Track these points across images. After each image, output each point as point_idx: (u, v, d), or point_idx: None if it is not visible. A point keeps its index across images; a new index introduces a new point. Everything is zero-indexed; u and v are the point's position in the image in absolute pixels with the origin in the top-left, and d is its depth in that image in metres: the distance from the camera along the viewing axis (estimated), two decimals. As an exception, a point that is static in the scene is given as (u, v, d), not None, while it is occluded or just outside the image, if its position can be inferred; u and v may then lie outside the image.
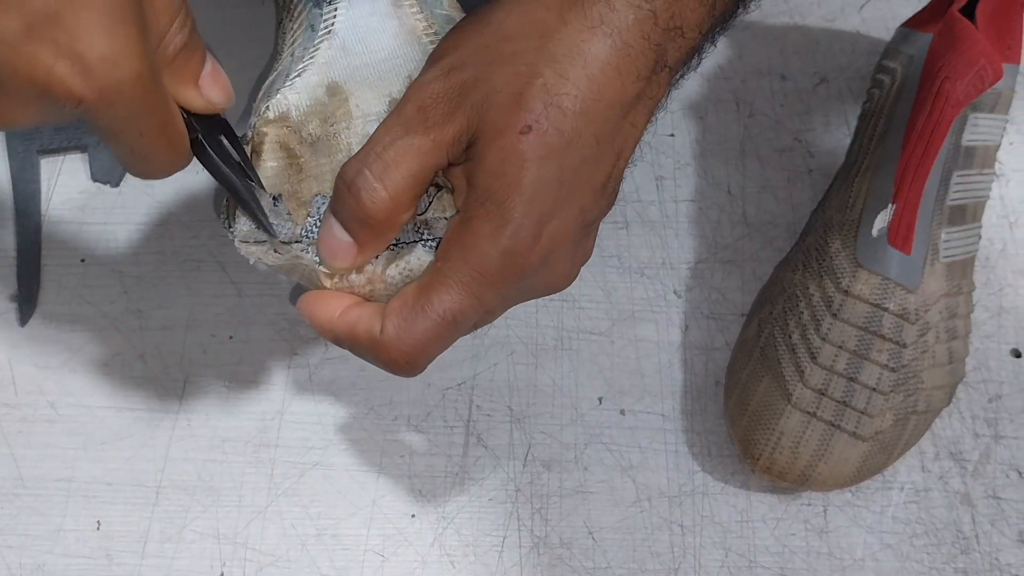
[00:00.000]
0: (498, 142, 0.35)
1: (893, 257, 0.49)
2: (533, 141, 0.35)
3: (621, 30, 0.35)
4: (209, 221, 0.58)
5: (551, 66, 0.35)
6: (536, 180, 0.35)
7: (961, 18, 0.49)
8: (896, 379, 0.49)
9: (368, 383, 0.54)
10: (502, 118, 0.35)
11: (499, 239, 0.35)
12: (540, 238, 0.35)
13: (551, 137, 0.35)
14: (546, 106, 0.35)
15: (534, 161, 0.35)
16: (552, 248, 0.36)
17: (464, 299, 0.36)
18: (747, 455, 0.50)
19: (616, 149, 0.37)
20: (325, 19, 0.42)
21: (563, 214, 0.36)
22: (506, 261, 0.35)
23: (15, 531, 0.50)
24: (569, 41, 0.35)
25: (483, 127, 0.35)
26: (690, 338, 0.55)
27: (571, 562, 0.50)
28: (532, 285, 0.38)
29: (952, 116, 0.49)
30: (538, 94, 0.35)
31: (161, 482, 0.51)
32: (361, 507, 0.51)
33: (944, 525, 0.51)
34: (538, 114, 0.35)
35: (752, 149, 0.61)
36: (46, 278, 0.56)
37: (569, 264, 0.38)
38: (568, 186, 0.36)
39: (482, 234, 0.35)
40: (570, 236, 0.37)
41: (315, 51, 0.41)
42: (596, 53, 0.35)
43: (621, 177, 0.38)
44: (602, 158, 0.36)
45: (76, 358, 0.54)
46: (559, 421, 0.53)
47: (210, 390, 0.53)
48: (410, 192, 0.36)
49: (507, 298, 0.37)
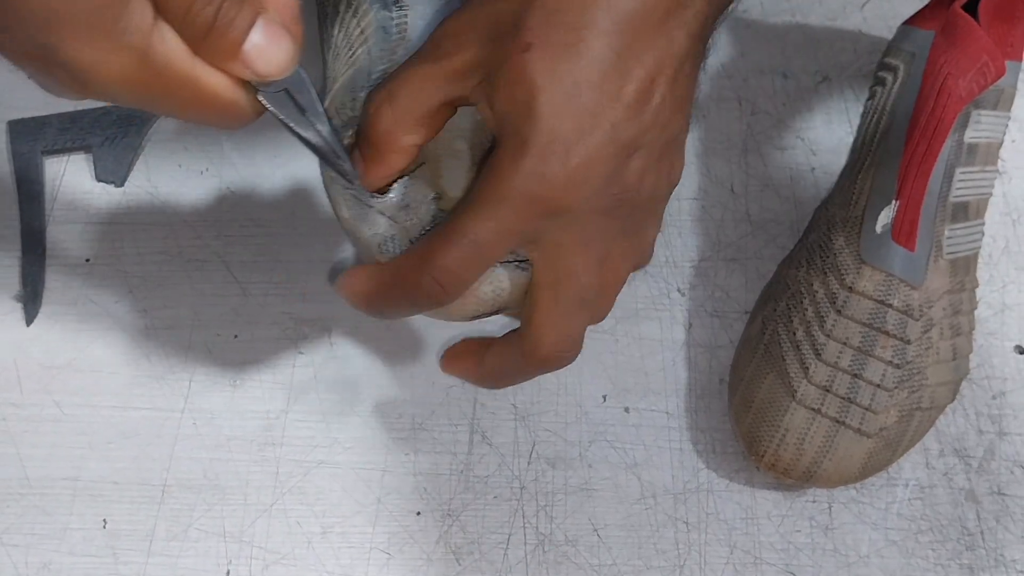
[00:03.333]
0: (504, 67, 0.34)
1: (897, 254, 0.49)
2: (536, 57, 0.34)
3: None
4: (214, 220, 0.58)
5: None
6: (549, 99, 0.34)
7: (964, 15, 0.49)
8: (900, 375, 0.49)
9: (373, 382, 0.54)
10: (504, 42, 0.34)
11: (519, 163, 0.34)
12: (564, 164, 0.34)
13: (555, 51, 0.34)
14: (545, 23, 0.34)
15: (542, 79, 0.34)
16: (580, 174, 0.34)
17: (481, 219, 0.35)
18: (752, 452, 0.50)
19: (648, 63, 0.35)
20: (397, 22, 0.42)
21: (588, 136, 0.34)
22: (528, 186, 0.34)
23: (21, 530, 0.50)
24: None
25: (492, 56, 0.35)
26: (694, 336, 0.55)
27: (576, 559, 0.50)
28: (579, 220, 0.36)
29: (955, 113, 0.49)
30: (537, 12, 0.34)
31: (167, 481, 0.51)
32: (366, 505, 0.51)
33: (949, 521, 0.51)
34: (537, 31, 0.34)
35: (754, 147, 0.61)
36: (51, 278, 0.56)
37: (613, 193, 0.36)
38: (588, 104, 0.34)
39: (503, 160, 0.35)
40: (602, 160, 0.35)
41: (393, 54, 0.42)
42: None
43: (671, 98, 0.36)
44: (628, 71, 0.34)
45: (81, 358, 0.54)
46: (564, 419, 0.53)
47: (215, 389, 0.54)
48: (412, 114, 0.37)
49: (546, 234, 0.36)
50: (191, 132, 0.60)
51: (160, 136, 0.60)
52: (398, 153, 0.38)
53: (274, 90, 0.35)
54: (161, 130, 0.60)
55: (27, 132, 0.60)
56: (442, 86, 0.36)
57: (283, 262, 0.57)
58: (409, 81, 0.37)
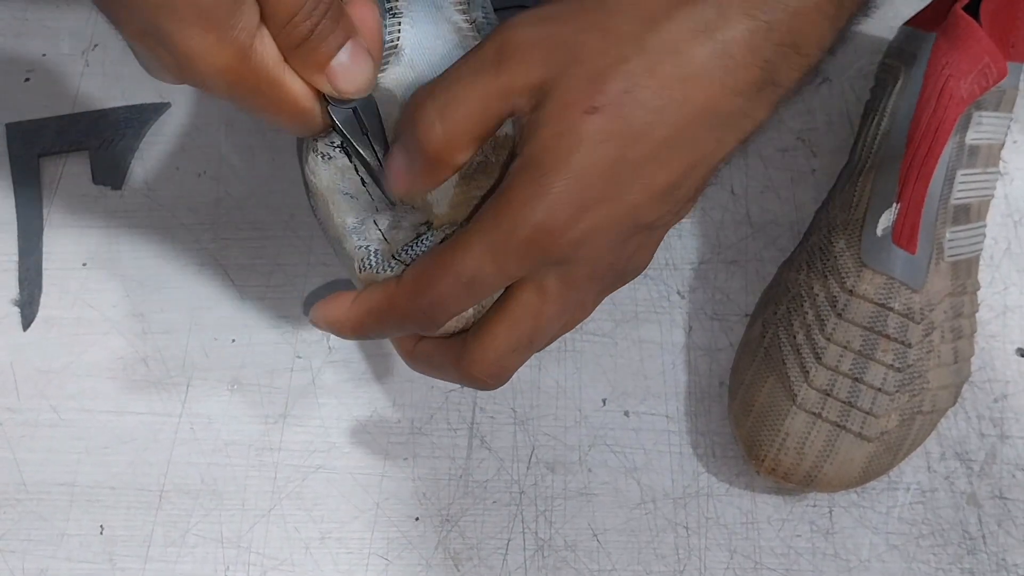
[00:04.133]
0: (561, 114, 0.34)
1: (898, 256, 0.49)
2: (597, 123, 0.33)
3: (727, 40, 0.33)
4: (211, 224, 0.57)
5: (641, 56, 0.33)
6: (587, 163, 0.33)
7: (965, 16, 0.49)
8: (901, 379, 0.49)
9: (371, 386, 0.53)
10: (574, 91, 0.33)
11: (532, 209, 0.34)
12: (577, 223, 0.34)
13: (617, 124, 0.33)
14: (623, 92, 0.33)
15: (591, 143, 0.33)
16: (589, 237, 0.34)
17: (483, 260, 0.35)
18: (752, 456, 0.50)
19: (690, 159, 0.35)
20: (389, 33, 0.42)
21: (610, 206, 0.34)
22: (534, 234, 0.34)
23: (18, 536, 0.50)
24: (669, 37, 0.33)
25: (553, 92, 0.34)
26: (694, 339, 0.55)
27: (576, 564, 0.50)
28: (571, 274, 0.36)
29: (956, 115, 0.49)
30: (619, 78, 0.33)
31: (164, 486, 0.51)
32: (365, 510, 0.51)
33: (950, 526, 0.51)
34: (611, 98, 0.33)
35: (755, 149, 0.60)
36: (48, 282, 0.56)
37: (610, 257, 0.36)
38: (623, 180, 0.34)
39: (516, 200, 0.34)
40: (614, 231, 0.35)
41: (384, 64, 0.41)
42: (693, 57, 0.33)
43: (694, 191, 0.36)
44: (670, 163, 0.34)
45: (78, 362, 0.54)
46: (563, 423, 0.53)
47: (213, 393, 0.53)
48: (468, 133, 0.35)
49: (551, 272, 0.36)
50: (188, 135, 0.60)
51: (158, 139, 0.60)
52: (446, 170, 0.37)
53: (346, 107, 0.37)
54: (158, 133, 0.60)
55: (24, 135, 0.59)
56: (501, 104, 0.35)
57: (281, 266, 0.56)
58: (466, 96, 0.35)
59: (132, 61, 0.35)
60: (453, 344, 0.39)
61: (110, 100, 0.61)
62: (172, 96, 0.61)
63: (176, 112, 0.61)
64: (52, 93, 0.61)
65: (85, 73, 0.62)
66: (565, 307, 0.37)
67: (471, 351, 0.38)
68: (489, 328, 0.38)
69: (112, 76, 0.62)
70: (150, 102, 0.61)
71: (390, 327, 0.39)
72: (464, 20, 0.43)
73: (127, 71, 0.62)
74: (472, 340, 0.38)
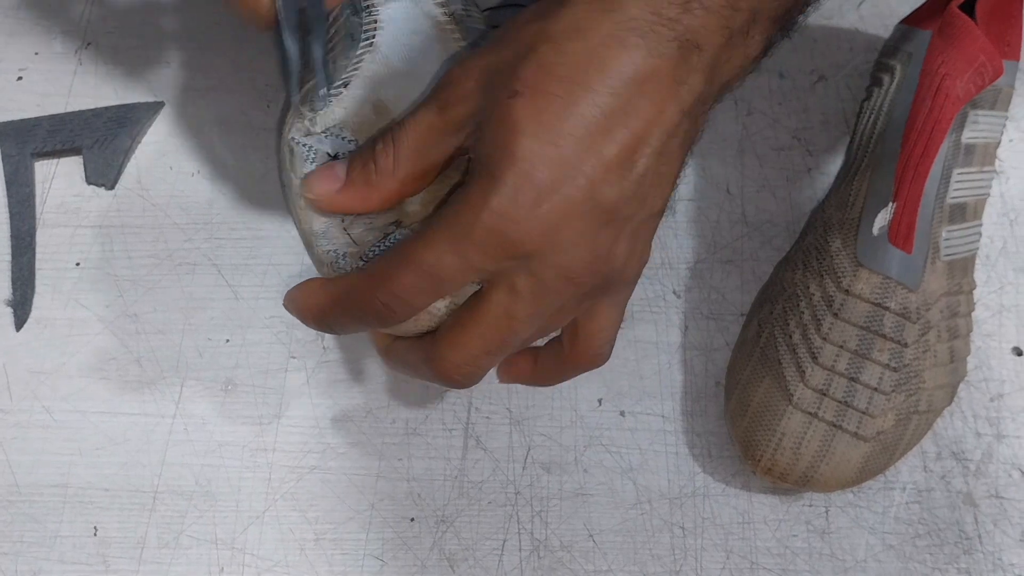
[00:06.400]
0: (493, 113, 0.35)
1: (894, 256, 0.49)
2: (522, 104, 0.34)
3: (626, 5, 0.34)
4: (205, 223, 0.57)
5: (548, 42, 0.35)
6: (530, 145, 0.34)
7: (961, 14, 0.49)
8: (898, 379, 0.48)
9: (366, 386, 0.53)
10: (495, 91, 0.35)
11: (488, 200, 0.34)
12: (537, 207, 0.34)
13: (541, 100, 0.34)
14: (537, 73, 0.34)
15: (526, 126, 0.34)
16: (553, 225, 0.34)
17: (443, 251, 0.35)
18: (748, 456, 0.49)
19: (632, 127, 0.35)
20: (365, 30, 0.42)
21: (566, 187, 0.34)
22: (495, 223, 0.34)
23: (10, 538, 0.50)
24: (568, 20, 0.35)
25: (484, 104, 0.36)
26: (690, 339, 0.55)
27: (571, 565, 0.50)
28: (542, 272, 0.36)
29: (952, 113, 0.49)
30: (530, 65, 0.35)
31: (158, 487, 0.51)
32: (360, 511, 0.51)
33: (947, 525, 0.51)
34: (528, 80, 0.34)
35: (750, 148, 0.60)
36: (41, 282, 0.56)
37: (584, 259, 0.36)
38: (569, 154, 0.34)
39: (472, 195, 0.35)
40: (579, 217, 0.35)
41: (358, 62, 0.41)
42: (596, 28, 0.34)
43: (653, 173, 0.36)
44: (611, 131, 0.34)
45: (71, 362, 0.54)
46: (559, 423, 0.53)
47: (207, 394, 0.53)
48: (412, 161, 0.38)
49: (520, 270, 0.35)
50: (182, 134, 0.60)
51: (151, 138, 0.60)
52: (387, 199, 0.39)
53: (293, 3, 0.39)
54: (152, 132, 0.60)
55: (17, 134, 0.59)
56: (444, 139, 0.37)
57: (275, 265, 0.56)
58: (412, 131, 0.38)
59: (125, 60, 0.35)
60: (425, 343, 0.39)
61: (103, 99, 0.60)
62: (166, 95, 0.61)
63: (169, 112, 0.60)
64: (45, 92, 0.61)
65: (78, 72, 0.62)
66: (538, 309, 0.36)
67: (440, 349, 0.38)
68: (459, 327, 0.37)
69: (105, 75, 0.61)
70: (143, 101, 0.60)
71: (352, 319, 0.39)
72: (443, 13, 0.43)
73: (120, 70, 0.61)
74: (441, 339, 0.38)
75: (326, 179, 0.39)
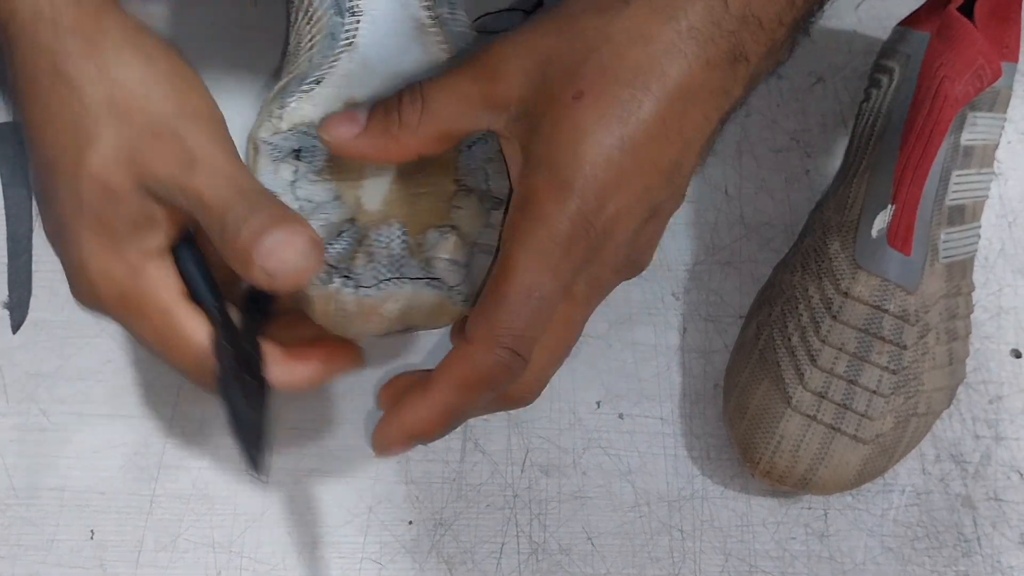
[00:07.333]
0: (552, 109, 0.34)
1: (892, 258, 0.49)
2: (587, 106, 0.34)
3: (688, 14, 0.34)
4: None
5: (608, 44, 0.34)
6: (595, 148, 0.33)
7: (959, 16, 0.49)
8: (896, 381, 0.48)
9: (364, 389, 0.53)
10: (554, 87, 0.34)
11: (566, 205, 0.33)
12: (603, 209, 0.34)
13: (606, 104, 0.34)
14: (600, 75, 0.34)
15: (591, 127, 0.34)
16: (614, 224, 0.34)
17: (541, 271, 0.34)
18: (747, 459, 0.49)
19: (684, 136, 0.35)
20: (347, 30, 0.41)
21: (627, 189, 0.34)
22: (575, 227, 0.34)
23: (7, 541, 0.49)
24: (631, 23, 0.34)
25: (536, 95, 0.35)
26: (688, 341, 0.55)
27: (570, 568, 0.50)
28: (598, 272, 0.36)
29: (951, 115, 0.49)
30: (592, 66, 0.34)
31: (155, 491, 0.51)
32: (357, 514, 0.50)
33: (945, 528, 0.51)
34: (590, 81, 0.34)
35: (749, 149, 0.60)
36: (38, 284, 0.56)
37: (629, 247, 0.36)
38: (632, 161, 0.34)
39: (547, 201, 0.34)
40: (635, 214, 0.35)
41: (335, 61, 0.41)
42: (658, 35, 0.34)
43: (689, 173, 0.36)
44: (668, 140, 0.35)
45: (68, 365, 0.54)
46: (557, 426, 0.53)
47: (204, 397, 0.52)
48: (438, 123, 0.36)
49: (581, 274, 0.35)
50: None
51: (148, 140, 0.60)
52: (404, 154, 0.37)
53: None
54: (149, 134, 0.60)
55: (13, 135, 0.59)
56: (477, 113, 0.36)
57: (273, 268, 0.56)
58: (445, 93, 0.36)
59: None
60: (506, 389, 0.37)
61: (100, 101, 0.60)
62: (163, 97, 0.61)
63: (167, 113, 0.60)
64: (41, 94, 0.61)
65: (75, 74, 0.61)
66: (590, 308, 0.38)
67: (524, 392, 0.38)
68: (542, 348, 0.36)
69: (102, 77, 0.61)
70: (140, 103, 0.60)
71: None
72: (428, 16, 0.43)
73: (117, 72, 0.61)
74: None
75: (346, 122, 0.37)
